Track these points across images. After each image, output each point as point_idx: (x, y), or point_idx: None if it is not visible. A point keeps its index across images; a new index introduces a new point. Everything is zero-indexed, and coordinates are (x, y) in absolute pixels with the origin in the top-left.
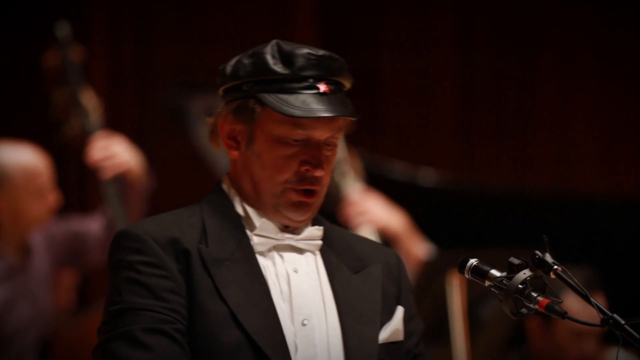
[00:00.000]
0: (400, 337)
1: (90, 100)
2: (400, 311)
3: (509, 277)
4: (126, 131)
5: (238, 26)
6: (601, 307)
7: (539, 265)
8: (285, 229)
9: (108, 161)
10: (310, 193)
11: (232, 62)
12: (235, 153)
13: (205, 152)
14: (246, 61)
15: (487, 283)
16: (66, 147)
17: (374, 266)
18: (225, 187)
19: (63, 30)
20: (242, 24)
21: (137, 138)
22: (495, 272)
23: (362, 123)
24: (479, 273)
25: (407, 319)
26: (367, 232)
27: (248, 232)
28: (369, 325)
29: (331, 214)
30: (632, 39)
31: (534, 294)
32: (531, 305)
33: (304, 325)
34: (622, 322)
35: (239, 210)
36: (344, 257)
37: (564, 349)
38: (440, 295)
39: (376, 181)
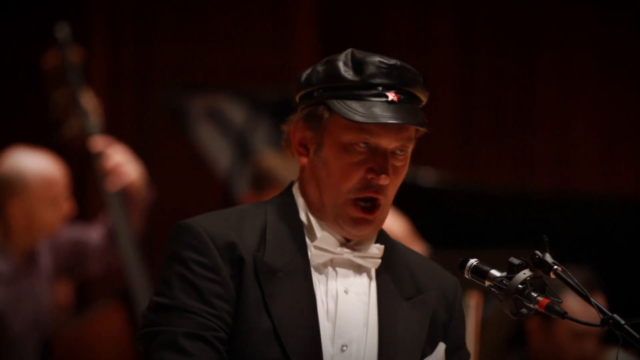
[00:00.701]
0: None
1: (90, 101)
2: (441, 347)
3: (509, 277)
4: (126, 131)
5: (238, 26)
6: (601, 307)
7: (539, 265)
8: (346, 242)
9: (119, 169)
10: (371, 209)
11: (309, 70)
12: (304, 160)
13: (205, 152)
14: (320, 68)
15: (487, 283)
16: (66, 147)
17: (428, 294)
18: (295, 191)
19: (62, 30)
20: (242, 24)
21: (137, 138)
22: (495, 272)
23: None
24: (479, 273)
25: (452, 350)
26: None
27: (308, 241)
28: (408, 358)
29: None
30: (632, 39)
31: (534, 294)
32: (531, 306)
33: (342, 350)
34: (622, 322)
35: (303, 218)
36: (399, 281)
37: (564, 349)
38: None
39: None
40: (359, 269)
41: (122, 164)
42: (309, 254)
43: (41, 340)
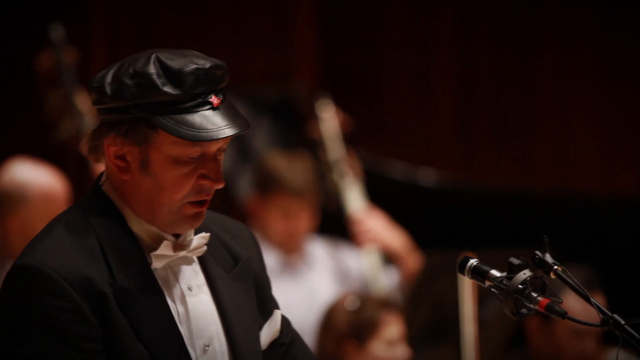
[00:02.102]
0: (277, 334)
1: (84, 102)
2: (277, 314)
3: (509, 277)
4: None
5: (238, 26)
6: (601, 307)
7: (539, 266)
8: (176, 241)
9: None
10: (203, 204)
11: (109, 79)
12: (126, 175)
13: None
14: (129, 82)
15: (487, 283)
16: (61, 149)
17: (243, 260)
18: (112, 198)
19: (57, 31)
20: (242, 24)
21: None
22: (495, 272)
23: (362, 123)
24: (479, 273)
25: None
26: (371, 251)
27: (144, 250)
28: (251, 333)
29: (330, 214)
30: (632, 39)
31: (534, 294)
32: (531, 306)
33: (205, 351)
34: (622, 322)
35: (135, 228)
36: (217, 257)
37: (563, 348)
38: (441, 296)
39: (376, 181)
40: (187, 262)
41: None
42: (150, 263)
43: None
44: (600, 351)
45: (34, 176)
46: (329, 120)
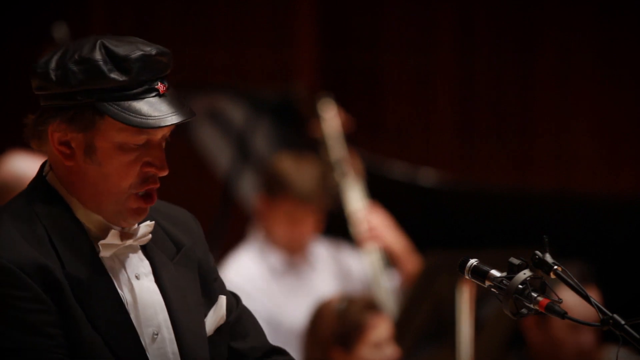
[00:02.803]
0: (223, 320)
1: None
2: (222, 300)
3: (509, 278)
4: None
5: (238, 26)
6: (601, 307)
7: (539, 266)
8: (122, 231)
9: None
10: (149, 198)
11: (53, 65)
12: (70, 162)
13: (205, 152)
14: (75, 68)
15: (487, 283)
16: None
17: (185, 246)
18: (57, 187)
19: (60, 31)
20: (242, 24)
21: None
22: (495, 272)
23: (362, 123)
24: (479, 273)
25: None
26: (372, 250)
27: (91, 239)
28: (195, 320)
29: (331, 213)
30: (632, 40)
31: (534, 294)
32: (531, 306)
33: (154, 338)
34: (622, 322)
35: (81, 217)
36: (160, 245)
37: (561, 342)
38: (441, 296)
39: (376, 181)
40: (133, 250)
41: None
42: (98, 252)
43: None
44: (599, 346)
45: (32, 167)
46: (331, 120)
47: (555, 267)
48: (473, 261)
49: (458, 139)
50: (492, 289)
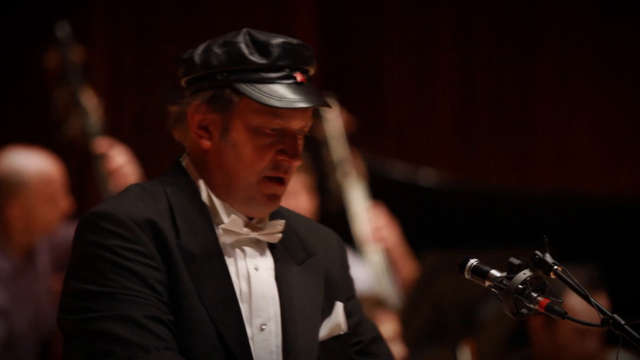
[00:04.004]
0: (341, 330)
1: (90, 100)
2: (339, 306)
3: (509, 278)
4: (126, 131)
5: (238, 26)
6: (601, 307)
7: (539, 266)
8: (249, 222)
9: (121, 171)
10: (281, 181)
11: (199, 51)
12: (207, 143)
13: None
14: (218, 50)
15: (487, 283)
16: (67, 147)
17: (318, 256)
18: (190, 172)
19: (63, 30)
20: (242, 24)
21: (137, 138)
22: (495, 272)
23: (362, 123)
24: (479, 273)
25: (345, 301)
26: (376, 251)
27: (213, 224)
28: (310, 323)
29: (333, 214)
30: (632, 40)
31: (534, 294)
32: (531, 306)
33: (262, 330)
34: (622, 322)
35: (205, 199)
36: (290, 248)
37: (566, 347)
38: (441, 296)
39: (376, 181)
40: (260, 245)
41: (124, 165)
42: (218, 236)
43: (41, 340)
44: (603, 350)
45: (30, 161)
46: (333, 120)
47: (555, 267)
48: (473, 261)
49: (458, 139)
50: (492, 289)
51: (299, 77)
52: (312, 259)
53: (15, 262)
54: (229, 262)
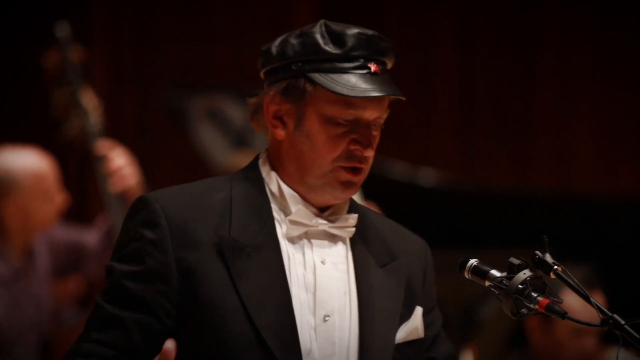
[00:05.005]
0: (418, 335)
1: (90, 100)
2: (419, 311)
3: (509, 277)
4: (126, 131)
5: (238, 26)
6: (601, 307)
7: (539, 266)
8: (320, 213)
9: (121, 172)
10: (357, 171)
11: (277, 42)
12: (281, 133)
13: (205, 152)
14: (294, 41)
15: (487, 283)
16: (67, 147)
17: (401, 260)
18: (261, 165)
19: (63, 30)
20: (242, 24)
21: (137, 138)
22: (495, 272)
23: None
24: (479, 273)
25: (426, 311)
26: None
27: (276, 215)
28: (387, 324)
29: None
30: (632, 40)
31: (534, 294)
32: (531, 306)
33: (325, 320)
34: (622, 322)
35: (274, 190)
36: (373, 248)
37: (564, 346)
38: (441, 297)
39: (376, 181)
40: (333, 239)
41: (124, 167)
42: (279, 227)
43: (41, 340)
44: (601, 350)
45: (21, 159)
46: None
47: (555, 267)
48: (473, 261)
49: (458, 139)
50: (492, 289)
51: (373, 67)
52: (395, 263)
53: (14, 263)
54: (295, 252)
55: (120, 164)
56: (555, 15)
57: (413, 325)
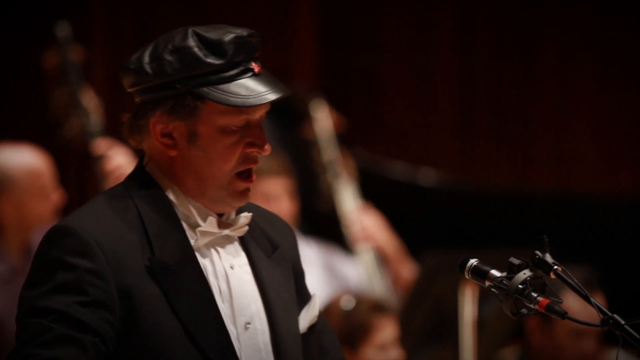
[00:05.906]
0: (316, 319)
1: (90, 100)
2: (316, 298)
3: (509, 278)
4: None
5: (237, 26)
6: (601, 307)
7: (539, 266)
8: (219, 220)
9: (120, 171)
10: (249, 175)
11: (146, 59)
12: (172, 151)
13: None
14: (170, 57)
15: (487, 283)
16: (66, 147)
17: (282, 248)
18: (156, 177)
19: (63, 30)
20: (242, 24)
21: None
22: (495, 272)
23: (362, 123)
24: (479, 273)
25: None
26: (365, 250)
27: (185, 226)
28: (291, 317)
29: (323, 215)
30: (632, 40)
31: (534, 294)
32: (531, 306)
33: (246, 328)
34: (622, 322)
35: (178, 202)
36: (258, 241)
37: (563, 347)
38: (441, 296)
39: (376, 181)
40: (231, 242)
41: (123, 166)
42: (192, 240)
43: None
44: (600, 351)
45: (15, 156)
46: (323, 121)
47: (555, 267)
48: (473, 261)
49: (458, 139)
50: (492, 289)
51: (256, 68)
52: (278, 251)
53: (12, 261)
54: (206, 264)
55: (119, 162)
56: (555, 15)
57: (313, 313)
